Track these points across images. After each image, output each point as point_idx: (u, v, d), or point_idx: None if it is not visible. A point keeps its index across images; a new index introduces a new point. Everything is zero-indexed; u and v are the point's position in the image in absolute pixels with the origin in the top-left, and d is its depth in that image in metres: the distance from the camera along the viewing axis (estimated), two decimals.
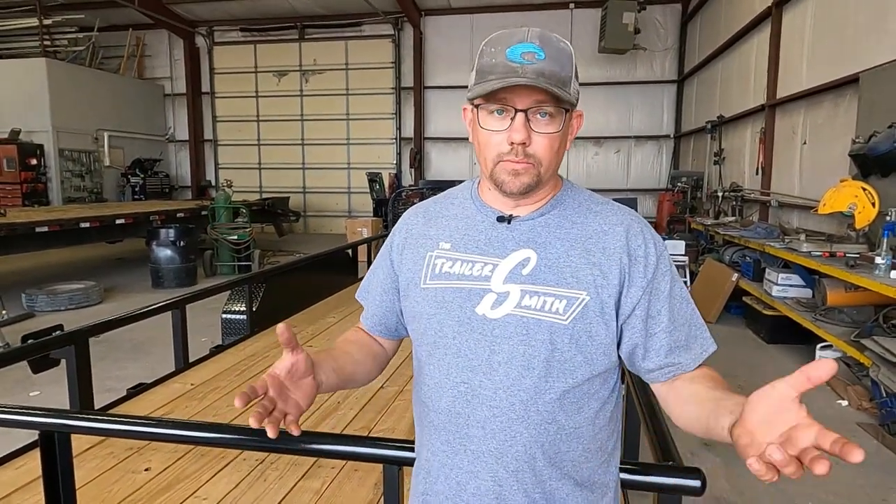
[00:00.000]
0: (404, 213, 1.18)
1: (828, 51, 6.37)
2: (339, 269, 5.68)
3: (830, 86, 6.13)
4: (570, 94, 0.93)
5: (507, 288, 0.96)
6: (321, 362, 0.99)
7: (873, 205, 4.52)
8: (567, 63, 0.94)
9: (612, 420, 1.03)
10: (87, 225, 8.15)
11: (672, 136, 13.77)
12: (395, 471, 1.29)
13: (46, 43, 13.27)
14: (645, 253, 0.98)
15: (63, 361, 2.33)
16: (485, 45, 0.96)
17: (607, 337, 0.96)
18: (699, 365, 0.98)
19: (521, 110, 0.92)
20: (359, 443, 1.33)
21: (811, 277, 5.33)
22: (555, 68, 0.91)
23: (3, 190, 11.88)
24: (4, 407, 1.47)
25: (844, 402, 4.25)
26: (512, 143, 0.93)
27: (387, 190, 13.41)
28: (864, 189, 4.57)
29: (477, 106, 0.96)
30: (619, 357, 1.02)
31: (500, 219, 1.02)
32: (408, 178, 14.81)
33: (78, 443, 1.50)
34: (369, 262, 6.36)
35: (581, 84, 1.00)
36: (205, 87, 15.99)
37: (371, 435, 2.18)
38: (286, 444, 1.45)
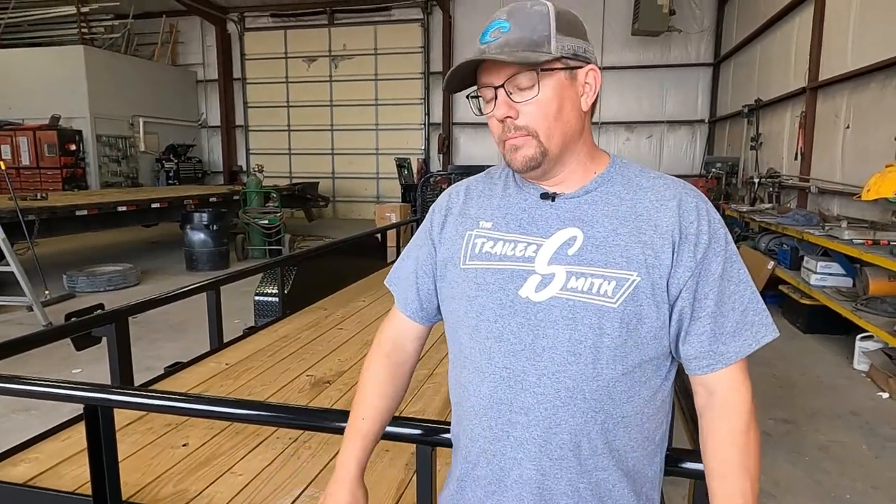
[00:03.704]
0: (445, 191, 1.14)
1: (875, 30, 6.10)
2: (368, 253, 5.72)
3: (878, 66, 5.88)
4: (544, 52, 0.89)
5: (552, 269, 0.92)
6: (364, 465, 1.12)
7: None
8: (540, 23, 0.90)
9: (661, 410, 0.98)
10: (124, 209, 8.38)
11: (707, 120, 13.43)
12: (428, 451, 1.29)
13: (83, 30, 13.57)
14: (697, 230, 0.92)
15: (104, 339, 2.40)
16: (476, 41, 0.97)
17: (658, 320, 0.91)
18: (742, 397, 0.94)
19: (498, 87, 0.92)
20: (392, 422, 1.33)
21: (852, 266, 5.17)
22: (523, 34, 0.90)
23: (44, 175, 12.26)
24: (53, 381, 1.53)
25: (885, 395, 4.13)
26: (500, 121, 0.93)
27: (415, 175, 13.41)
28: None
29: (477, 98, 0.98)
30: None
31: (545, 195, 0.97)
32: (436, 164, 14.78)
33: (118, 418, 1.55)
34: (398, 247, 6.38)
35: (612, 67, 0.99)
36: (236, 74, 16.17)
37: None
38: (319, 422, 1.47)
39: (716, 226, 0.94)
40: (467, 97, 1.00)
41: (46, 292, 6.57)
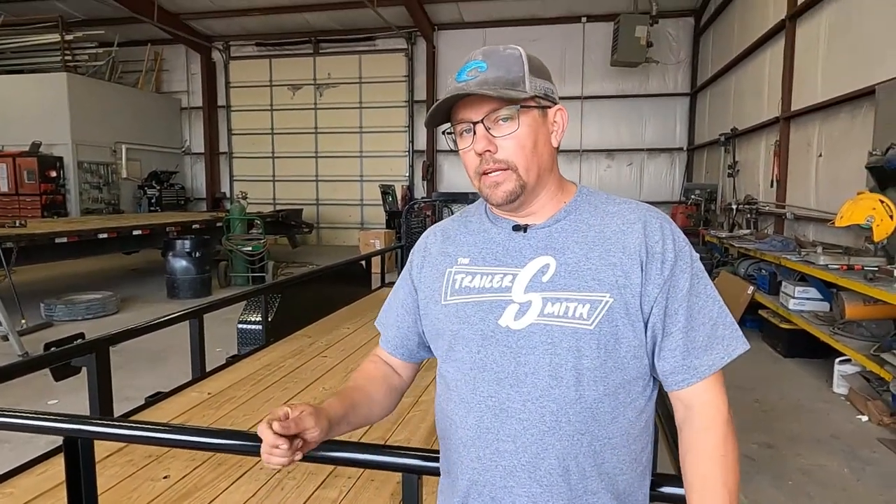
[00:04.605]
0: (423, 234, 1.19)
1: (843, 63, 6.34)
2: (353, 280, 5.71)
3: (846, 98, 6.10)
4: (521, 91, 0.95)
5: (529, 297, 0.95)
6: (335, 416, 1.02)
7: (891, 217, 4.47)
8: (514, 65, 0.96)
9: (645, 431, 1.00)
10: (105, 236, 8.27)
11: (685, 148, 13.73)
12: (414, 479, 1.29)
13: (67, 58, 13.53)
14: (662, 249, 0.96)
15: (84, 370, 2.36)
16: (448, 79, 1.01)
17: (635, 339, 0.94)
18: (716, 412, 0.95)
19: (477, 122, 0.96)
20: (378, 451, 1.33)
21: (828, 291, 5.27)
22: (499, 73, 0.95)
23: (23, 201, 12.09)
24: (31, 413, 1.50)
25: (864, 418, 4.19)
26: (479, 154, 0.97)
27: (399, 202, 13.48)
28: (882, 202, 4.51)
29: (450, 133, 1.02)
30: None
31: (516, 228, 1.02)
32: (420, 191, 14.88)
33: (98, 450, 1.52)
34: (383, 274, 6.38)
35: (592, 97, 1.03)
36: (220, 101, 16.23)
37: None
38: (304, 452, 1.46)
39: (681, 244, 0.98)
40: (443, 133, 1.04)
41: (23, 321, 6.44)
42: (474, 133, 0.97)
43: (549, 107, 1.00)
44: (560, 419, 0.92)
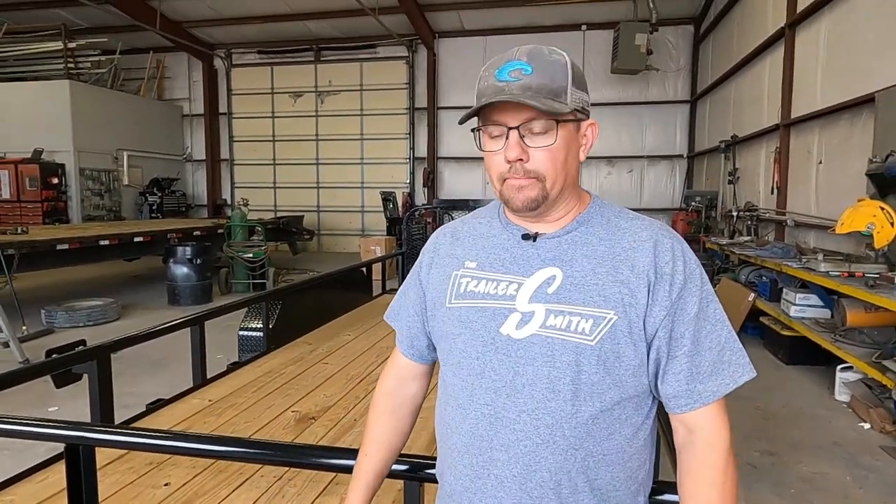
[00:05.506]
0: (433, 233, 1.17)
1: (842, 71, 6.37)
2: (353, 287, 5.71)
3: (845, 105, 6.11)
4: (563, 103, 0.91)
5: (533, 307, 0.94)
6: (376, 485, 1.16)
7: (892, 224, 4.47)
8: (559, 73, 0.92)
9: (643, 448, 0.99)
10: (107, 243, 8.29)
11: (685, 155, 13.76)
12: (415, 487, 1.29)
13: (70, 65, 13.60)
14: (672, 270, 0.94)
15: (85, 376, 2.36)
16: (482, 71, 0.96)
17: (636, 358, 0.92)
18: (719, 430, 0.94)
19: (512, 128, 0.92)
20: None
21: (830, 298, 5.27)
22: (544, 81, 0.91)
23: (24, 208, 12.11)
24: (33, 420, 1.50)
25: (867, 425, 4.17)
26: (509, 162, 0.93)
27: (400, 209, 13.50)
28: (883, 208, 4.52)
29: (479, 130, 0.98)
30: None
31: (525, 236, 1.00)
32: (421, 198, 14.91)
33: (98, 457, 1.52)
34: (383, 281, 6.38)
35: (593, 104, 1.00)
36: (222, 108, 16.29)
37: None
38: (305, 459, 1.46)
39: (691, 266, 0.96)
40: (472, 130, 1.00)
41: (24, 328, 6.44)
42: (507, 137, 0.93)
43: (584, 120, 0.98)
44: (555, 433, 0.91)
